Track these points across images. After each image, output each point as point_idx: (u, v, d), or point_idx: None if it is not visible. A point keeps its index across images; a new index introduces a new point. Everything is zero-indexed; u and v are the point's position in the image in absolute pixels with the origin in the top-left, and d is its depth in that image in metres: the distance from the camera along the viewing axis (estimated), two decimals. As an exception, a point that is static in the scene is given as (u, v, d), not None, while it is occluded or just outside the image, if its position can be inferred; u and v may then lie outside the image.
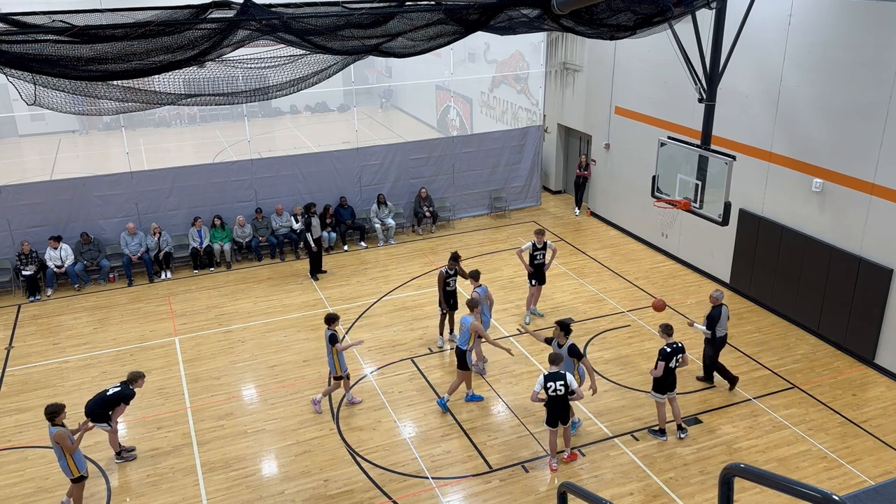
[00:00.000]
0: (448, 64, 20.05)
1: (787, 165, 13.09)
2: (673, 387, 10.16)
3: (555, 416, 9.50)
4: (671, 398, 10.24)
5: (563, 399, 9.37)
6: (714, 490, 9.24)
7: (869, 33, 11.27)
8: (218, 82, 7.37)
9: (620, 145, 17.73)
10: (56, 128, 27.41)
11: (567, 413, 9.57)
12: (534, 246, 13.19)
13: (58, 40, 6.16)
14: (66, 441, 8.63)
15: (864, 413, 10.91)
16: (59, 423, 8.70)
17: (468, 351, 10.72)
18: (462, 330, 10.82)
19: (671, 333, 10.20)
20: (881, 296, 11.68)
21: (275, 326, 13.67)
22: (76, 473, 8.83)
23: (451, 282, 12.51)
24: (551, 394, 9.34)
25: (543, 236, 13.31)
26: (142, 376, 9.92)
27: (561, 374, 9.37)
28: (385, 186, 18.07)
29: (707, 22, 10.45)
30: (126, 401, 9.82)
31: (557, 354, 9.62)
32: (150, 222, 16.03)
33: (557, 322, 10.25)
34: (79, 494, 9.09)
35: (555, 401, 9.38)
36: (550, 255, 13.49)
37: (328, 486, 9.54)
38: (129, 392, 9.80)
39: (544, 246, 13.25)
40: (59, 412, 8.69)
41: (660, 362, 9.97)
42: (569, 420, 9.66)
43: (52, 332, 13.66)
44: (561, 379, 9.30)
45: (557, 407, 9.42)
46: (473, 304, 10.90)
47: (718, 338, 11.22)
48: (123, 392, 9.74)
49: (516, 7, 8.11)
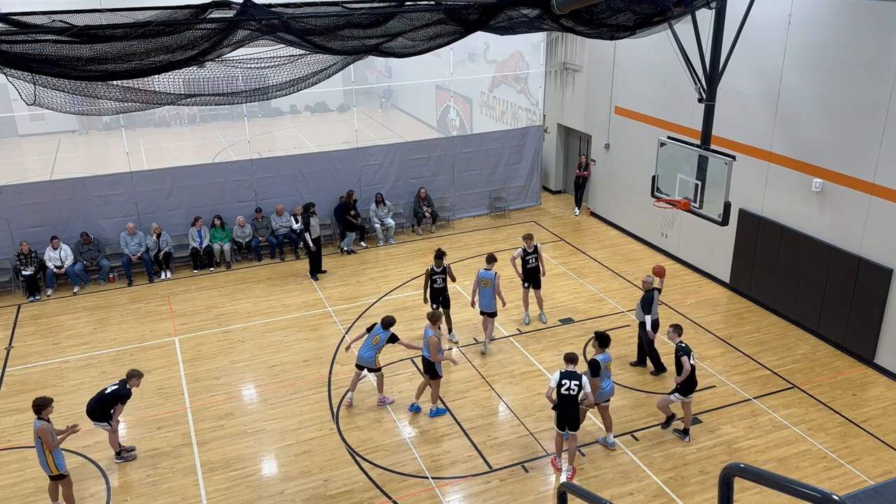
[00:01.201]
0: (448, 64, 20.05)
1: (787, 165, 13.09)
2: (695, 386, 10.13)
3: (564, 418, 9.45)
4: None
5: (573, 400, 9.34)
6: (714, 490, 9.24)
7: (869, 33, 11.27)
8: (218, 82, 7.36)
9: (620, 145, 17.73)
10: (56, 128, 27.40)
11: (577, 420, 9.51)
12: (524, 251, 13.12)
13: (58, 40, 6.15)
14: (48, 436, 8.64)
15: (864, 413, 10.92)
16: (45, 417, 8.71)
17: (436, 363, 10.60)
18: (424, 342, 10.65)
19: (681, 332, 10.22)
20: (881, 296, 11.68)
21: (275, 326, 13.67)
22: (55, 471, 8.81)
23: (437, 279, 12.48)
24: (563, 392, 9.35)
25: (532, 240, 13.24)
26: (138, 375, 9.92)
27: (578, 374, 9.41)
28: (385, 186, 18.07)
29: (707, 22, 10.44)
30: (122, 400, 9.81)
31: (574, 354, 9.65)
32: (150, 222, 16.03)
33: (596, 332, 10.21)
34: (68, 493, 9.03)
35: (565, 400, 9.36)
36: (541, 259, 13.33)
37: (328, 486, 9.54)
38: (126, 392, 9.79)
39: (535, 249, 13.17)
40: (46, 406, 8.73)
41: (683, 357, 9.91)
42: (578, 427, 9.60)
43: (52, 332, 13.66)
44: (577, 379, 9.33)
45: (566, 407, 9.38)
46: (435, 317, 10.76)
47: (654, 321, 11.62)
48: (120, 391, 9.75)
49: (516, 7, 8.10)
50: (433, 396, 10.88)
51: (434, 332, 10.55)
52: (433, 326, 10.65)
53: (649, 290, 11.52)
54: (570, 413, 9.40)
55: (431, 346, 10.44)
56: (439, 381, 10.80)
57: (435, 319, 10.75)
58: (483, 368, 12.18)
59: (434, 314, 10.88)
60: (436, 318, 10.78)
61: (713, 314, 14.00)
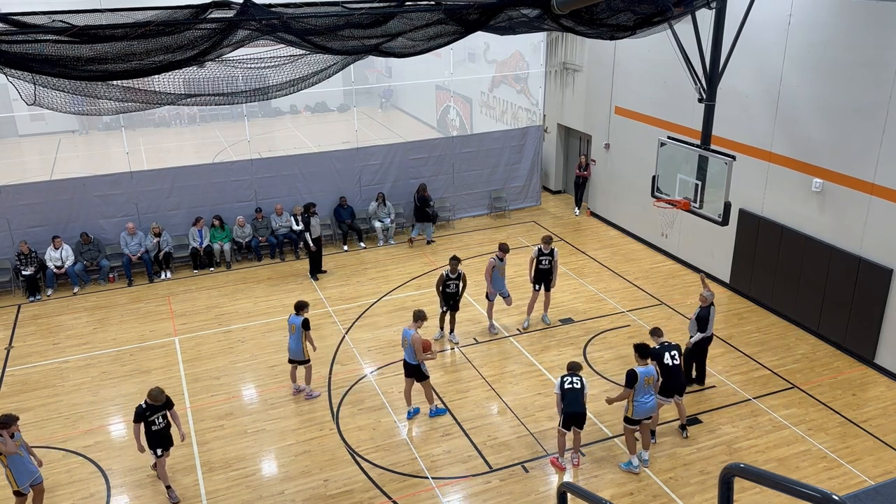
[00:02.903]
0: (448, 64, 20.05)
1: (787, 165, 13.09)
2: (676, 390, 10.09)
3: (570, 417, 9.45)
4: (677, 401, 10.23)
5: (579, 394, 9.39)
6: (714, 490, 9.24)
7: (869, 33, 11.27)
8: (218, 82, 7.37)
9: (620, 145, 17.73)
10: (56, 128, 27.40)
11: (583, 417, 9.52)
12: (540, 251, 13.13)
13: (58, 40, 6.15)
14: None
15: (864, 413, 10.91)
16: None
17: (421, 362, 10.49)
18: (405, 344, 10.46)
19: (661, 335, 10.25)
20: (881, 296, 11.68)
21: (275, 326, 13.67)
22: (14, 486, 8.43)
23: (451, 284, 12.48)
24: (567, 387, 9.40)
25: (550, 244, 13.16)
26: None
27: (578, 375, 9.52)
28: (385, 186, 18.06)
29: (707, 22, 10.45)
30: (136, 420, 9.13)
31: (576, 363, 9.68)
32: (150, 222, 16.03)
33: (635, 345, 9.64)
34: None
35: (571, 396, 9.38)
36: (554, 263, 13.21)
37: (328, 486, 9.54)
38: (138, 408, 9.16)
39: (551, 252, 13.14)
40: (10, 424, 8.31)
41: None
42: (583, 425, 9.62)
43: (52, 332, 13.66)
44: (578, 379, 9.45)
45: (573, 404, 9.39)
46: (420, 316, 10.55)
47: (705, 337, 11.21)
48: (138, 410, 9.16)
49: (516, 7, 8.11)
50: (428, 397, 10.84)
51: (415, 331, 10.31)
52: (415, 325, 10.42)
53: (706, 305, 10.95)
54: (576, 411, 9.41)
55: (416, 343, 10.23)
56: (429, 381, 10.75)
57: (418, 318, 10.47)
58: (483, 368, 12.18)
59: (419, 312, 10.54)
60: (419, 317, 10.49)
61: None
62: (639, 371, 9.31)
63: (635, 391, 9.32)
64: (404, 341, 10.47)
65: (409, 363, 10.56)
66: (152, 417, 9.08)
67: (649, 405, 9.43)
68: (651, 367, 9.44)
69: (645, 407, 9.41)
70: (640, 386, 9.29)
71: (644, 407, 9.41)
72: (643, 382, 9.30)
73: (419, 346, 10.27)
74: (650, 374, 9.38)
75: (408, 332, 10.40)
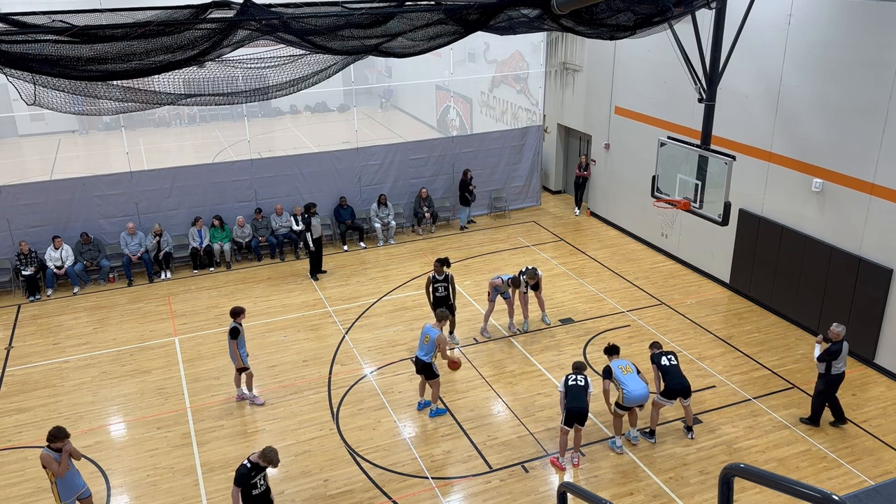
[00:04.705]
0: (448, 64, 20.06)
1: (787, 165, 13.09)
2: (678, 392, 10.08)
3: (573, 414, 9.50)
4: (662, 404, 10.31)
5: (582, 391, 9.51)
6: (714, 490, 9.25)
7: (869, 33, 11.27)
8: (218, 82, 7.37)
9: (620, 145, 17.74)
10: (56, 128, 27.42)
11: (586, 414, 9.61)
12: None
13: (58, 40, 6.16)
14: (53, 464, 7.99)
15: (864, 413, 10.91)
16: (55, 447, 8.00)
17: (433, 362, 10.60)
18: (426, 341, 10.51)
19: (660, 347, 10.45)
20: (881, 296, 11.68)
21: (275, 326, 13.67)
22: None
23: (439, 287, 12.22)
24: (571, 383, 9.53)
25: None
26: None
27: (583, 374, 9.71)
28: (385, 186, 18.07)
29: (707, 22, 10.45)
30: (238, 482, 8.01)
31: (581, 363, 9.89)
32: (150, 222, 16.03)
33: (604, 349, 10.43)
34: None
35: (575, 393, 9.48)
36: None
37: (328, 486, 9.54)
38: (242, 469, 7.95)
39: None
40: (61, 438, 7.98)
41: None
42: (585, 423, 9.67)
43: (52, 332, 13.66)
44: (583, 378, 9.62)
45: (576, 401, 9.46)
46: (442, 316, 10.72)
47: (835, 375, 10.24)
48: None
49: (516, 7, 8.11)
50: (433, 396, 10.88)
51: (440, 331, 10.55)
52: (438, 325, 10.64)
53: (839, 340, 10.10)
54: (579, 406, 9.47)
55: (441, 343, 10.46)
56: (438, 381, 10.80)
57: (441, 318, 10.73)
58: (483, 368, 12.18)
59: (442, 313, 10.82)
60: (442, 318, 10.75)
61: (713, 314, 14.00)
62: (612, 364, 9.99)
63: (617, 381, 9.86)
64: (426, 338, 10.55)
65: (420, 360, 10.62)
66: (254, 480, 7.94)
67: (638, 393, 9.80)
68: (624, 360, 10.13)
69: (634, 395, 9.79)
70: (618, 375, 9.86)
71: (633, 395, 9.78)
72: (619, 372, 9.89)
73: (444, 346, 10.51)
74: (623, 364, 10.03)
75: (433, 331, 10.53)
